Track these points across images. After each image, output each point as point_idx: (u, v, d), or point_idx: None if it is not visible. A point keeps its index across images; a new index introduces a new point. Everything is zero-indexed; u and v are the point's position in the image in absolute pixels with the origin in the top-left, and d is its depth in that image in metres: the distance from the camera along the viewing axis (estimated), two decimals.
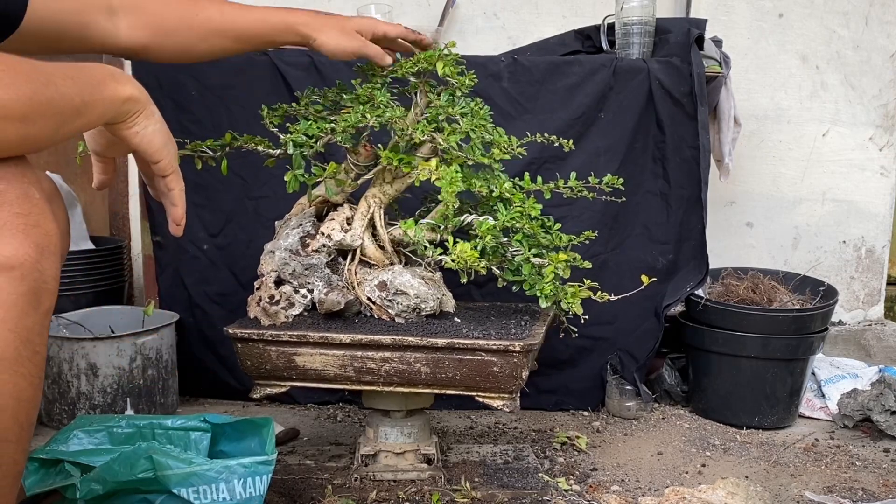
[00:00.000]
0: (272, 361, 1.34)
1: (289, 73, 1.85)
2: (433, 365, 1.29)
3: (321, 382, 1.35)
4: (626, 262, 1.93)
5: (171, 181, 1.00)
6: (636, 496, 1.48)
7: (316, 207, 1.46)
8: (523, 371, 1.29)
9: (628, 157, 1.93)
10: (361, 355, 1.30)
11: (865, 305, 2.61)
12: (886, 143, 2.53)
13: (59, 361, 1.74)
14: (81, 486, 1.14)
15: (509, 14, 2.44)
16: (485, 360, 1.28)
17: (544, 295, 1.29)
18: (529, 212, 1.32)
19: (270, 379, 1.37)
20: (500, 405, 1.31)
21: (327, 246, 1.38)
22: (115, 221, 2.46)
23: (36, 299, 0.77)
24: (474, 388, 1.31)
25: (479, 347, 1.27)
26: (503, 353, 1.27)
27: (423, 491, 1.42)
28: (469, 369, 1.29)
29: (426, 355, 1.28)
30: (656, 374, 2.05)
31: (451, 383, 1.30)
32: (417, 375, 1.30)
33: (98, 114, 0.86)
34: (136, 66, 1.86)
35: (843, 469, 1.66)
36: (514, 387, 1.30)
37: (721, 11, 2.45)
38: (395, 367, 1.30)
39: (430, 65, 1.38)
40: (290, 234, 1.40)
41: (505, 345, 1.27)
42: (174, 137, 0.98)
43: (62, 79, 0.80)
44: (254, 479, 1.18)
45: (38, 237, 0.77)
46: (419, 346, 1.28)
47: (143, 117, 0.92)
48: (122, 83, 0.89)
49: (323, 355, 1.31)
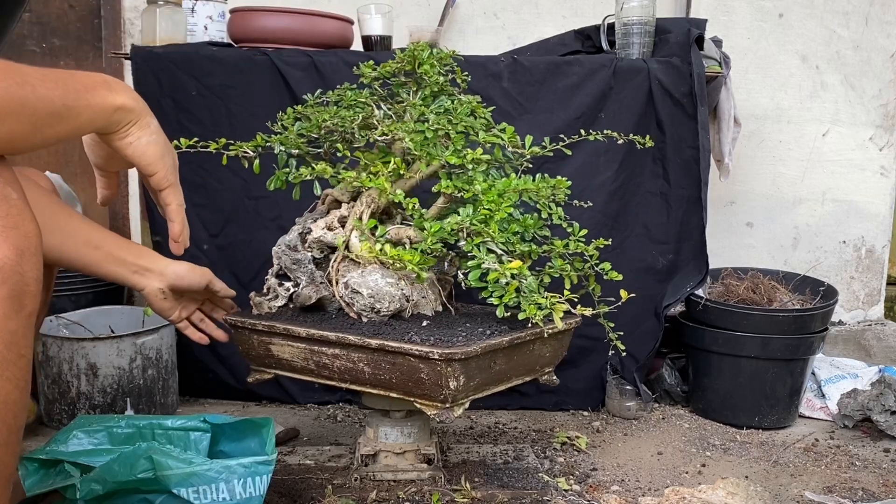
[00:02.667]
0: (255, 348, 1.41)
1: (289, 73, 1.85)
2: (373, 365, 1.28)
3: (293, 373, 1.39)
4: (626, 262, 1.92)
5: (167, 195, 0.98)
6: (636, 496, 1.48)
7: (329, 206, 1.47)
8: (449, 380, 1.22)
9: (628, 157, 1.93)
10: (318, 350, 1.33)
11: (865, 305, 2.61)
12: (886, 143, 2.53)
13: (59, 361, 1.74)
14: (81, 486, 1.14)
15: (509, 14, 2.44)
16: (413, 365, 1.24)
17: (503, 304, 1.23)
18: (497, 214, 1.26)
19: (259, 365, 1.44)
20: (432, 413, 1.27)
21: (319, 242, 1.40)
22: (115, 221, 2.46)
23: (18, 302, 0.75)
24: (410, 393, 1.28)
25: (403, 351, 1.24)
26: (426, 359, 1.22)
27: (423, 491, 1.42)
28: (401, 373, 1.26)
29: (366, 355, 1.28)
30: (656, 374, 2.05)
31: (390, 385, 1.29)
32: (362, 374, 1.30)
33: (85, 120, 0.85)
34: (136, 65, 1.86)
35: (843, 469, 1.66)
36: (442, 395, 1.23)
37: (721, 11, 2.45)
38: (344, 364, 1.31)
39: (410, 65, 1.39)
40: (293, 231, 1.43)
41: (426, 351, 1.21)
42: (174, 138, 0.97)
43: (42, 81, 0.79)
44: (254, 479, 1.18)
45: (17, 239, 0.75)
46: (357, 346, 1.28)
47: (137, 128, 0.90)
48: (115, 91, 0.87)
49: (290, 346, 1.36)
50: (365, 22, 2.02)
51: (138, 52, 1.87)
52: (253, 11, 1.91)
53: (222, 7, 2.05)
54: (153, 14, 1.93)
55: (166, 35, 1.92)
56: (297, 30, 1.90)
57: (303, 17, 1.92)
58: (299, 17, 1.91)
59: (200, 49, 1.91)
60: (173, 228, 1.02)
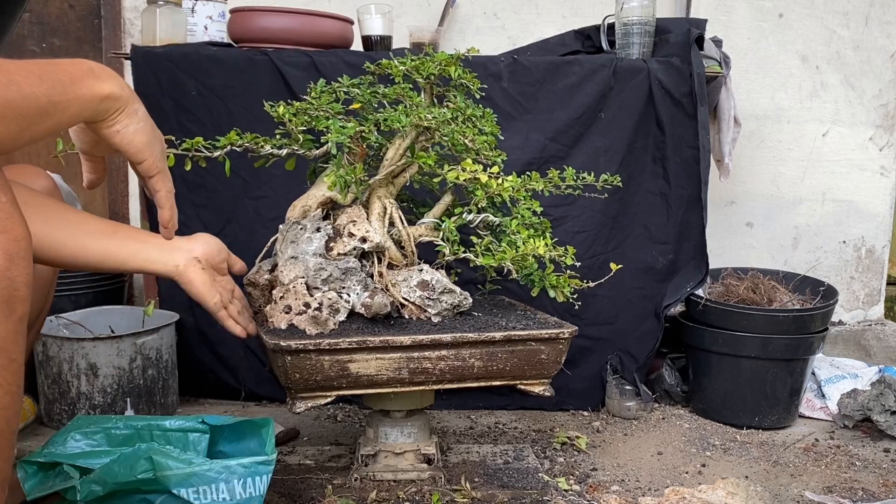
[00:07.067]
0: (324, 371, 1.26)
1: (289, 73, 1.85)
2: (487, 358, 1.33)
3: (371, 388, 1.31)
4: (627, 262, 1.92)
5: (156, 182, 0.97)
6: (636, 496, 1.48)
7: (322, 210, 1.44)
8: (563, 356, 1.37)
9: (628, 157, 1.93)
10: (419, 356, 1.30)
11: (865, 305, 2.61)
12: (886, 143, 2.53)
13: (59, 361, 1.74)
14: (82, 487, 1.14)
15: (509, 14, 2.44)
16: (533, 349, 1.34)
17: (552, 286, 1.36)
18: (535, 208, 1.37)
19: (317, 390, 1.29)
20: (540, 390, 1.38)
21: (359, 248, 1.34)
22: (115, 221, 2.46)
23: (8, 307, 0.74)
24: (520, 377, 1.37)
25: (531, 338, 1.33)
26: (553, 340, 1.34)
27: (423, 491, 1.42)
28: (519, 359, 1.34)
29: (482, 350, 1.32)
30: (656, 374, 2.05)
31: (501, 375, 1.35)
32: (470, 370, 1.33)
33: (73, 113, 0.83)
34: (136, 65, 1.86)
35: (843, 469, 1.66)
36: (555, 371, 1.38)
37: (721, 11, 2.45)
38: (451, 364, 1.32)
39: (446, 68, 1.40)
40: (314, 239, 1.34)
41: (555, 333, 1.34)
42: (174, 137, 0.97)
43: (27, 77, 0.76)
44: (254, 480, 1.18)
45: (6, 243, 0.74)
46: (477, 342, 1.31)
47: (125, 115, 0.89)
48: (101, 80, 0.85)
49: (379, 360, 1.28)
50: (365, 22, 2.02)
51: (138, 52, 1.87)
52: (253, 11, 1.91)
53: (222, 7, 2.05)
54: (153, 14, 1.93)
55: (166, 35, 1.92)
56: (297, 30, 1.90)
57: (303, 17, 1.92)
58: (299, 17, 1.91)
59: (200, 49, 1.90)
60: (163, 214, 1.02)
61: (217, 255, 1.22)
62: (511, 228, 1.34)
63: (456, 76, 1.41)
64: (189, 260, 1.15)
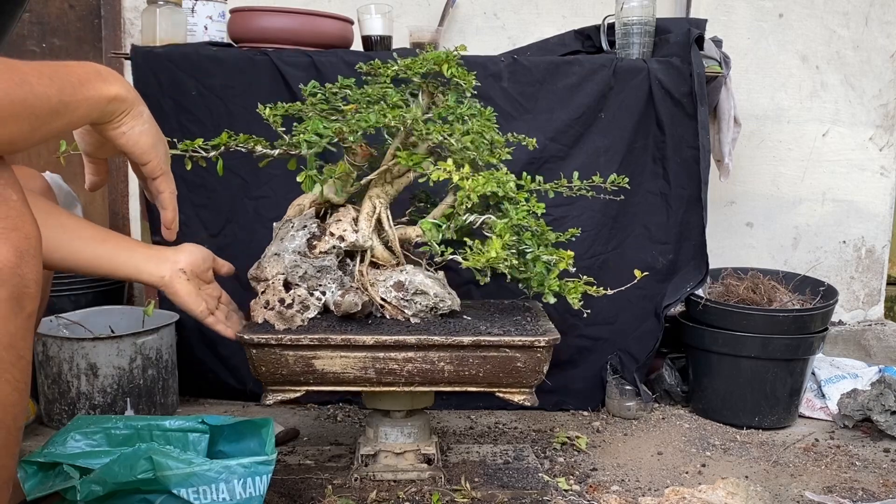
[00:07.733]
0: (289, 366, 1.29)
1: (289, 73, 1.85)
2: (457, 363, 1.30)
3: (339, 385, 1.31)
4: (627, 262, 1.93)
5: (160, 183, 0.98)
6: (636, 496, 1.48)
7: (316, 209, 1.45)
8: (544, 365, 1.32)
9: (628, 157, 1.93)
10: (384, 356, 1.29)
11: (865, 305, 2.61)
12: (886, 143, 2.53)
13: (59, 361, 1.74)
14: (82, 487, 1.14)
15: (509, 14, 2.44)
16: (509, 357, 1.30)
17: (551, 291, 1.31)
18: (535, 210, 1.34)
19: (286, 384, 1.32)
20: (520, 399, 1.34)
21: (337, 247, 1.35)
22: (115, 221, 2.46)
23: (18, 304, 0.75)
24: (496, 385, 1.34)
25: (504, 344, 1.29)
26: (528, 348, 1.30)
27: (423, 491, 1.42)
28: (493, 366, 1.31)
29: (451, 354, 1.29)
30: (656, 374, 2.05)
31: (474, 381, 1.32)
32: (440, 374, 1.31)
33: (81, 114, 0.84)
34: (136, 66, 1.86)
35: (843, 469, 1.66)
36: (535, 381, 1.33)
37: (721, 11, 2.45)
38: (419, 366, 1.30)
39: (437, 66, 1.39)
40: (297, 236, 1.36)
41: (530, 341, 1.29)
42: (174, 137, 0.97)
43: (38, 78, 0.78)
44: (254, 480, 1.18)
45: (18, 241, 0.75)
46: (444, 345, 1.29)
47: (130, 117, 0.90)
48: (108, 82, 0.86)
49: (343, 358, 1.29)
50: (365, 22, 2.02)
51: (138, 52, 1.87)
52: (253, 11, 1.91)
53: (222, 7, 2.05)
54: (153, 14, 1.93)
55: (166, 35, 1.92)
56: (297, 30, 1.90)
57: (303, 17, 1.92)
58: (299, 17, 1.91)
59: (200, 49, 1.90)
60: (165, 216, 1.02)
61: (202, 265, 1.27)
62: (497, 230, 1.30)
63: (449, 74, 1.39)
64: (174, 272, 1.21)
